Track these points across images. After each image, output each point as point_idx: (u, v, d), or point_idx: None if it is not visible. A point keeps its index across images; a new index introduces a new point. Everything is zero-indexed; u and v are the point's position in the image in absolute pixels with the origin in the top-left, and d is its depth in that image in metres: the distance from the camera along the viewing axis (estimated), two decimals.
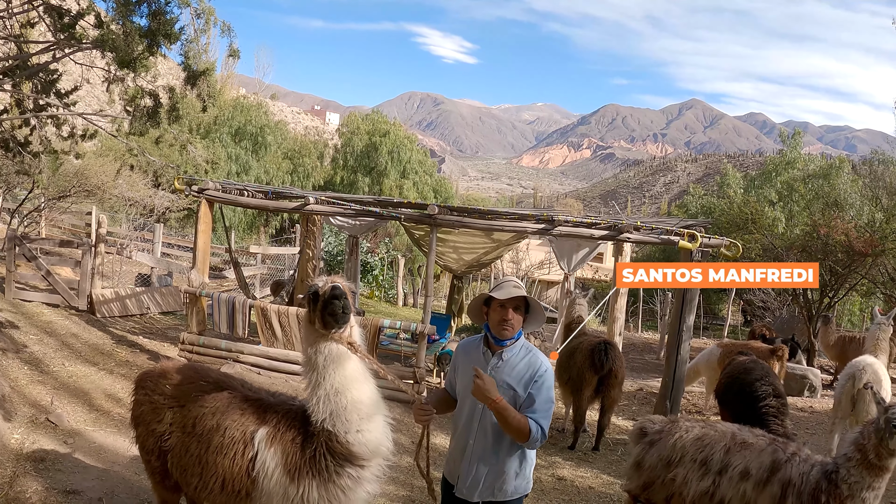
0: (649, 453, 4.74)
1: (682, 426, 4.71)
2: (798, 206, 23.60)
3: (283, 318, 8.72)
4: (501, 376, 3.40)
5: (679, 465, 4.52)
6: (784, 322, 18.80)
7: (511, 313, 3.39)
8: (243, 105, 32.79)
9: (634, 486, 4.84)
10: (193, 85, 7.64)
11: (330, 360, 3.14)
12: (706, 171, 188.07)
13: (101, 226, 12.15)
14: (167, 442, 3.61)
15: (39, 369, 8.20)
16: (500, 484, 3.44)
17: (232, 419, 3.38)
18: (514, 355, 3.45)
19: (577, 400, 7.85)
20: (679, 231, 8.10)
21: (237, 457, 3.29)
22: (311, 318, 3.19)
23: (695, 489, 4.39)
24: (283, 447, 3.22)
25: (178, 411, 3.61)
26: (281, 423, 3.30)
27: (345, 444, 3.13)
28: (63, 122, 10.74)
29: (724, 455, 4.37)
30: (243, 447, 3.29)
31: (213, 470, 3.35)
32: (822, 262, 14.98)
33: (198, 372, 3.81)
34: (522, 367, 3.42)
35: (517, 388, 3.38)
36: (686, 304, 8.26)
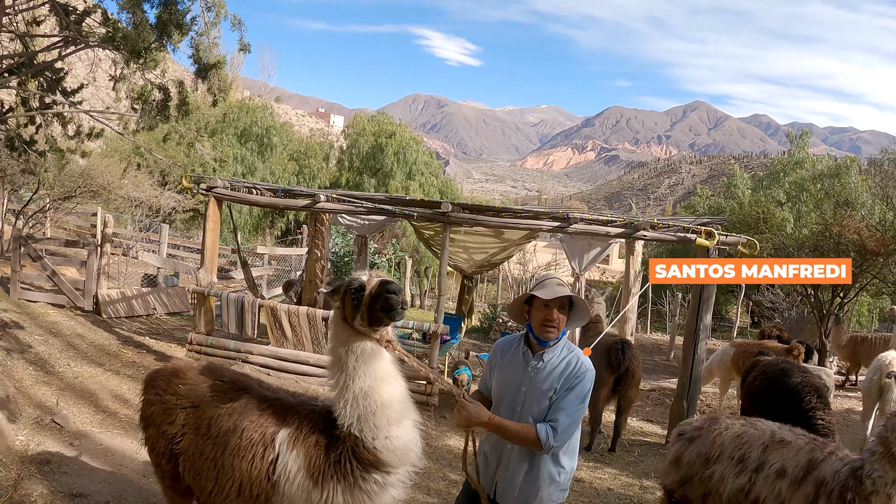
0: (688, 450, 4.64)
1: (722, 423, 4.61)
2: (807, 207, 23.42)
3: (294, 318, 8.58)
4: (541, 378, 3.26)
5: (717, 462, 4.42)
6: (793, 323, 18.63)
7: (556, 313, 3.25)
8: (249, 106, 32.77)
9: (671, 481, 4.73)
10: (204, 78, 7.49)
11: (362, 360, 2.98)
12: (711, 173, 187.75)
13: (107, 225, 12.01)
14: (179, 444, 3.44)
15: (45, 370, 8.10)
16: (534, 491, 3.30)
17: (250, 420, 3.21)
18: (554, 356, 3.31)
19: (593, 400, 7.64)
20: (696, 228, 7.93)
21: (256, 459, 3.11)
22: (347, 314, 3.01)
23: (731, 486, 4.28)
24: (307, 450, 3.04)
25: (192, 412, 3.44)
26: (303, 425, 3.13)
27: (372, 450, 2.96)
28: (69, 121, 10.64)
29: (761, 453, 4.26)
30: (263, 449, 3.11)
31: (229, 473, 3.18)
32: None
33: (212, 371, 3.63)
34: (562, 367, 3.28)
35: (553, 392, 3.25)
36: (703, 303, 8.09)
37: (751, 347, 9.74)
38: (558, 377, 3.24)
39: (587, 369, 3.27)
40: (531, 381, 3.30)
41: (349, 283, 3.00)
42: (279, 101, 78.25)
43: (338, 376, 3.01)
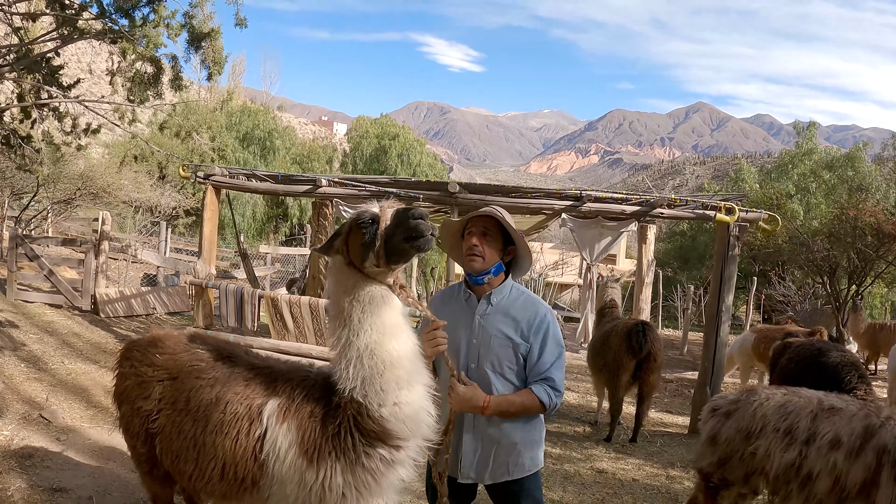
0: (725, 426, 4.19)
1: (762, 394, 4.19)
2: (816, 199, 23.03)
3: (295, 309, 8.20)
4: (494, 324, 2.88)
5: (760, 436, 3.98)
6: (806, 315, 18.25)
7: (478, 239, 2.85)
8: (251, 110, 32.56)
9: (708, 463, 4.27)
10: (198, 48, 7.11)
11: (369, 309, 2.49)
12: (715, 174, 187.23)
13: (105, 223, 11.69)
14: (155, 422, 2.99)
15: (37, 367, 7.84)
16: (514, 458, 2.91)
17: (234, 391, 2.75)
18: (504, 297, 2.91)
19: (613, 387, 7.24)
20: (716, 204, 7.54)
21: (241, 436, 2.66)
22: (354, 256, 2.51)
23: (779, 462, 3.85)
24: (299, 423, 2.57)
25: (170, 385, 2.99)
26: (295, 394, 2.65)
27: (378, 419, 2.48)
28: (65, 116, 10.35)
29: (810, 423, 3.83)
30: (248, 424, 2.65)
31: (211, 453, 2.73)
32: (850, 246, 14.45)
33: (194, 339, 3.18)
34: (518, 310, 2.89)
35: (515, 336, 2.85)
36: (725, 282, 7.69)
37: (772, 332, 9.36)
38: (516, 322, 2.87)
39: (547, 311, 2.92)
40: (482, 330, 2.89)
41: (357, 218, 2.52)
42: (282, 110, 78.19)
43: (339, 332, 2.52)
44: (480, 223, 2.88)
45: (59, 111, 10.28)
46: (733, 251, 7.59)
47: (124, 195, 17.56)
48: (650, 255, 11.73)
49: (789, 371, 6.63)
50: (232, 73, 57.00)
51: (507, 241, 2.93)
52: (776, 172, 28.66)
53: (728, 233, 7.56)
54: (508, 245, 2.94)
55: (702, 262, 29.58)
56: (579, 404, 8.88)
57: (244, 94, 54.40)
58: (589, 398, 9.12)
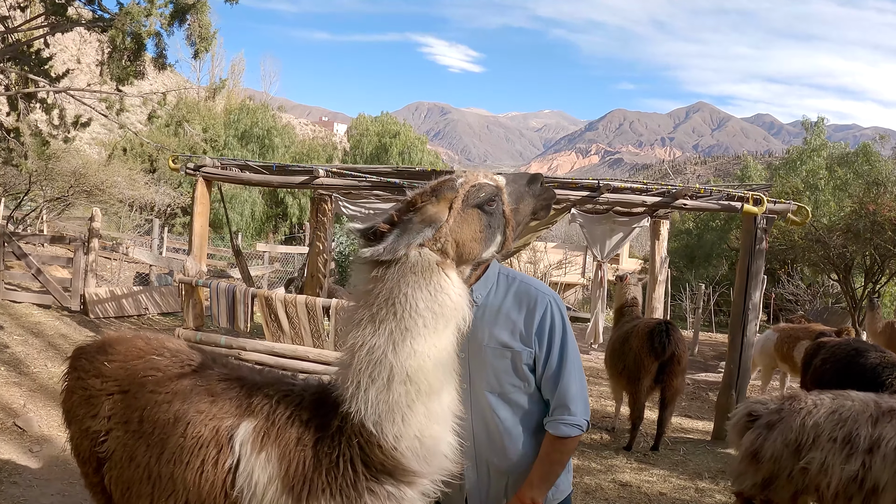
0: (769, 439, 3.64)
1: (808, 400, 3.64)
2: (825, 196, 22.55)
3: (291, 309, 7.68)
4: (486, 328, 2.22)
5: (814, 447, 3.45)
6: (818, 314, 17.78)
7: None
8: (249, 108, 32.10)
9: (750, 484, 3.72)
10: (182, 21, 6.57)
11: (441, 323, 1.90)
12: (716, 173, 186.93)
13: (95, 219, 11.19)
14: (104, 444, 2.43)
15: (18, 370, 7.43)
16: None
17: (198, 409, 2.16)
18: (492, 289, 2.26)
19: (634, 392, 6.70)
20: (743, 195, 7.04)
21: (207, 467, 2.07)
22: (472, 243, 1.95)
23: (839, 476, 3.32)
24: (283, 451, 1.98)
25: (120, 399, 2.42)
26: (277, 414, 2.05)
27: (390, 452, 1.91)
28: (52, 108, 9.90)
29: (871, 428, 3.33)
30: (216, 452, 2.08)
31: (169, 488, 2.15)
32: (869, 242, 13.96)
33: (149, 342, 2.61)
34: (510, 305, 2.23)
35: (513, 342, 2.20)
36: (752, 278, 7.19)
37: (795, 332, 8.86)
38: (511, 322, 2.21)
39: (549, 297, 2.24)
40: (472, 338, 2.20)
41: (475, 193, 1.95)
42: (282, 111, 77.83)
43: (368, 340, 1.89)
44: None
45: (46, 103, 9.84)
46: (760, 244, 7.10)
47: (118, 193, 17.08)
48: (663, 252, 11.23)
49: (823, 373, 6.16)
50: (231, 72, 56.72)
51: None
52: (784, 169, 28.14)
53: (755, 225, 7.06)
54: None
55: (708, 261, 29.10)
56: (595, 409, 8.35)
57: (244, 95, 54.01)
58: (604, 402, 8.61)
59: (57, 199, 16.84)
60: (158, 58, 7.00)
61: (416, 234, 1.88)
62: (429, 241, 1.90)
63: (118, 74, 6.94)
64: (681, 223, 31.76)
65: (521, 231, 2.06)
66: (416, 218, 1.91)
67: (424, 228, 1.89)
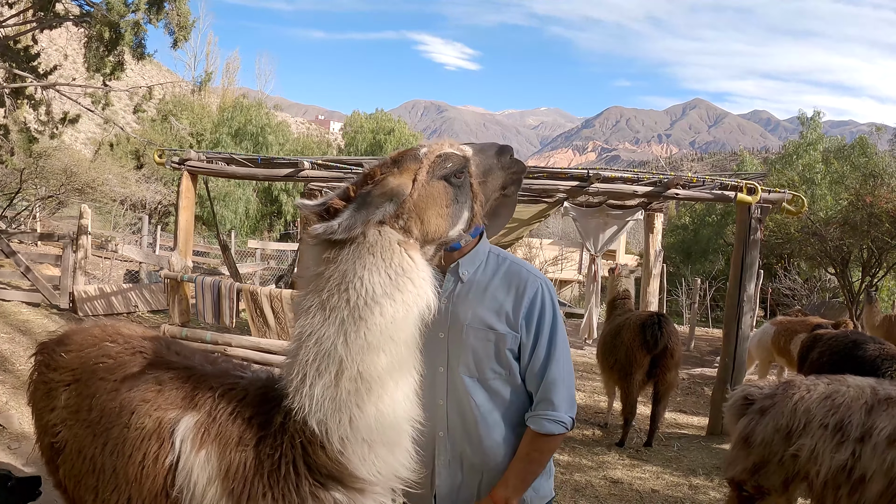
0: (761, 424, 3.53)
1: (802, 385, 3.53)
2: (821, 190, 22.49)
3: (276, 304, 7.55)
4: (468, 308, 2.04)
5: (804, 434, 3.33)
6: (815, 308, 17.73)
7: None
8: (243, 105, 31.90)
9: (740, 468, 3.60)
10: (160, 9, 6.40)
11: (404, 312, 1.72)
12: (712, 170, 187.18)
13: (84, 216, 11.05)
14: (59, 436, 2.30)
15: (2, 367, 7.46)
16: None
17: (144, 397, 1.99)
18: (480, 267, 2.08)
19: (626, 386, 6.57)
20: (736, 184, 6.93)
21: (148, 462, 1.91)
22: (438, 220, 1.78)
23: (829, 464, 3.19)
24: (222, 450, 1.80)
25: (74, 389, 2.29)
26: (219, 410, 1.87)
27: (335, 454, 1.72)
28: (40, 104, 9.77)
29: (865, 416, 3.19)
30: (157, 446, 1.90)
31: (112, 483, 1.99)
32: (866, 234, 13.87)
33: (104, 329, 2.48)
34: (500, 284, 2.06)
35: (498, 324, 2.02)
36: (746, 270, 7.08)
37: (793, 325, 8.76)
38: (498, 303, 2.04)
39: (540, 282, 2.07)
40: (451, 317, 2.04)
41: (441, 163, 1.77)
42: (278, 109, 77.73)
43: (318, 329, 1.70)
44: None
45: (34, 99, 9.72)
46: (755, 235, 6.99)
47: (110, 190, 16.94)
48: (657, 245, 11.11)
49: (821, 365, 6.05)
50: (226, 70, 56.43)
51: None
52: (780, 163, 28.04)
53: (749, 215, 6.95)
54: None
55: (705, 256, 29.03)
56: (587, 405, 8.23)
57: (238, 92, 53.84)
58: (597, 398, 8.50)
59: (49, 198, 16.68)
60: (137, 47, 6.85)
61: (374, 209, 1.69)
62: (389, 218, 1.72)
63: (96, 65, 6.77)
64: (677, 218, 31.67)
65: (490, 207, 1.91)
66: (376, 191, 1.71)
67: (384, 203, 1.70)
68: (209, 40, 56.53)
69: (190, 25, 6.50)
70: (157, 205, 18.78)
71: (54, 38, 10.74)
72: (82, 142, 35.25)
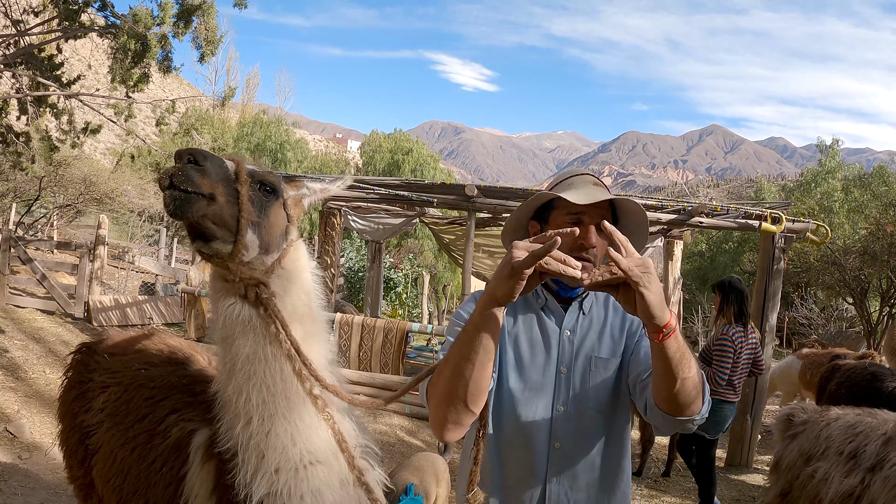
0: (789, 448, 3.57)
1: (832, 414, 3.53)
2: (839, 219, 22.32)
3: None
4: (591, 342, 1.88)
5: (822, 458, 3.35)
6: (831, 338, 17.50)
7: (593, 235, 1.75)
8: (263, 121, 32.17)
9: (772, 495, 3.60)
10: (188, 22, 6.45)
11: (240, 355, 1.62)
12: (729, 196, 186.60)
13: (102, 227, 11.12)
14: (93, 437, 2.29)
15: (15, 375, 7.34)
16: None
17: (175, 407, 2.01)
18: (595, 303, 1.93)
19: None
20: (761, 213, 6.85)
21: (165, 469, 1.89)
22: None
23: (836, 489, 3.18)
24: (219, 465, 1.75)
25: (114, 392, 2.28)
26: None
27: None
28: (62, 113, 9.85)
29: (880, 447, 3.18)
30: (176, 456, 1.89)
31: (133, 486, 1.98)
32: (886, 264, 13.71)
33: (151, 339, 2.51)
34: (614, 313, 1.92)
35: (615, 357, 1.87)
36: (769, 300, 6.99)
37: (820, 358, 8.58)
38: (617, 337, 1.88)
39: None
40: (574, 352, 1.87)
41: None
42: (296, 126, 78.62)
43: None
44: (598, 212, 1.78)
45: (56, 107, 9.80)
46: (778, 264, 6.90)
47: (128, 201, 17.06)
48: (677, 273, 11.00)
49: (839, 397, 5.93)
50: (246, 86, 57.14)
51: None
52: (799, 191, 27.85)
53: (773, 244, 6.87)
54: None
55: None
56: None
57: (257, 108, 54.43)
58: None
59: (67, 206, 16.82)
60: (164, 61, 6.89)
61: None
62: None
63: (122, 76, 6.82)
64: (693, 245, 31.50)
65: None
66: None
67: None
68: (230, 56, 57.36)
69: (218, 40, 6.53)
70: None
71: (78, 48, 10.84)
72: (101, 152, 35.66)
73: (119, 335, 2.67)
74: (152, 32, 6.57)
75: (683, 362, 1.52)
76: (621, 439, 1.93)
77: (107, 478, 2.16)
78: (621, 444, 1.94)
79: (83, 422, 2.38)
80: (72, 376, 2.61)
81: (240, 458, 1.63)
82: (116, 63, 6.68)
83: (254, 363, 1.59)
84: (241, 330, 1.58)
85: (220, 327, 1.60)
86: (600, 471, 1.89)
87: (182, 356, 2.31)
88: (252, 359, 1.59)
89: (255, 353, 1.59)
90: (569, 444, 1.87)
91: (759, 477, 6.65)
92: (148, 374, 2.23)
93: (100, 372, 2.42)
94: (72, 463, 2.51)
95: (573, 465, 1.87)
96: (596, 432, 1.88)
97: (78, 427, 2.42)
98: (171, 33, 6.56)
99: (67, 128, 9.94)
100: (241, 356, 1.59)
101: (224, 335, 1.61)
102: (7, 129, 9.73)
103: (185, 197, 1.42)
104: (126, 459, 2.05)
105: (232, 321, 1.58)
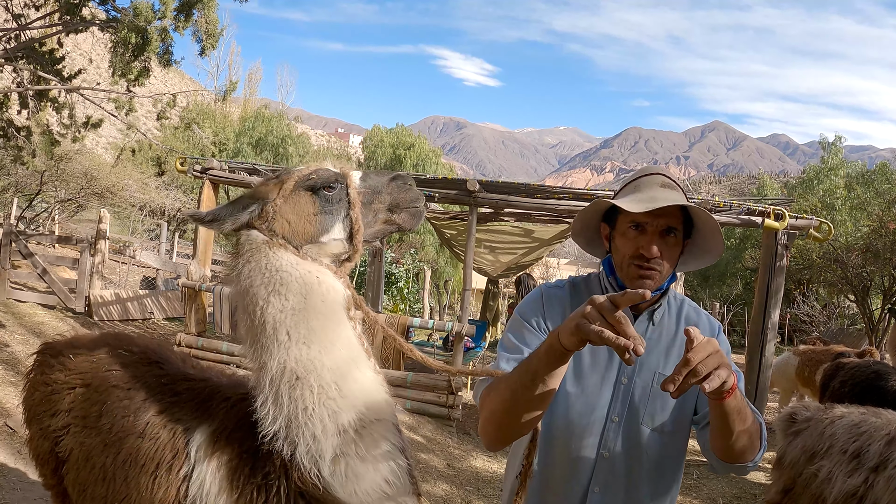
0: (792, 445, 3.55)
1: (837, 412, 3.52)
2: (841, 216, 22.28)
3: None
4: (659, 357, 1.83)
5: (825, 456, 3.32)
6: (833, 335, 17.51)
7: (658, 242, 1.72)
8: (265, 116, 32.19)
9: (774, 491, 3.58)
10: (188, 16, 6.42)
11: (301, 306, 1.70)
12: (731, 193, 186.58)
13: (103, 221, 11.11)
14: (62, 443, 2.23)
15: (15, 370, 7.27)
16: None
17: (158, 408, 1.99)
18: (672, 311, 1.88)
19: None
20: (764, 209, 6.82)
21: (161, 472, 1.87)
22: (303, 224, 1.79)
23: (839, 489, 3.15)
24: (230, 458, 1.78)
25: (82, 394, 2.23)
26: (230, 417, 1.86)
27: (308, 477, 1.66)
28: (63, 107, 9.84)
29: (884, 447, 3.15)
30: (171, 456, 1.88)
31: (122, 492, 1.94)
32: (888, 262, 13.70)
33: (119, 339, 2.45)
34: (678, 327, 1.86)
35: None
36: (771, 297, 6.96)
37: (817, 355, 8.58)
38: (682, 351, 1.76)
39: (719, 326, 1.90)
40: (639, 363, 1.81)
41: (308, 176, 1.83)
42: (298, 121, 78.65)
43: (252, 345, 1.76)
44: (664, 219, 1.73)
45: (57, 102, 9.79)
46: (781, 261, 6.88)
47: (129, 196, 17.08)
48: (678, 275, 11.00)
49: (842, 396, 5.92)
50: (248, 81, 57.03)
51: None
52: (801, 188, 27.79)
53: (776, 241, 6.84)
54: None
55: (722, 280, 28.78)
56: None
57: (259, 103, 54.47)
58: None
59: (68, 201, 16.83)
60: (164, 54, 6.88)
61: (242, 207, 1.81)
62: (256, 219, 1.81)
63: (122, 69, 6.80)
64: None
65: (374, 222, 1.87)
66: (247, 194, 1.86)
67: (251, 204, 1.82)
68: (232, 50, 57.31)
69: (218, 34, 6.52)
70: (175, 212, 18.90)
71: (79, 42, 10.84)
72: (103, 146, 35.66)
73: (84, 335, 2.61)
74: (153, 26, 6.54)
75: (740, 416, 1.51)
76: (673, 462, 1.88)
77: (84, 486, 2.10)
78: (673, 467, 1.88)
79: (50, 426, 2.31)
80: (34, 377, 2.52)
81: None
82: (116, 57, 6.66)
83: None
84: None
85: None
86: (647, 489, 1.84)
87: (155, 357, 2.26)
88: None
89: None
90: (617, 455, 1.83)
91: (760, 474, 6.64)
92: (120, 374, 2.18)
93: (65, 372, 2.35)
94: (45, 471, 2.44)
95: (618, 477, 1.83)
96: (648, 449, 1.82)
97: (46, 432, 2.34)
98: (172, 27, 6.54)
99: (68, 122, 9.93)
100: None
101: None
102: (8, 124, 9.73)
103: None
104: (108, 466, 2.01)
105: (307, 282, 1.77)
